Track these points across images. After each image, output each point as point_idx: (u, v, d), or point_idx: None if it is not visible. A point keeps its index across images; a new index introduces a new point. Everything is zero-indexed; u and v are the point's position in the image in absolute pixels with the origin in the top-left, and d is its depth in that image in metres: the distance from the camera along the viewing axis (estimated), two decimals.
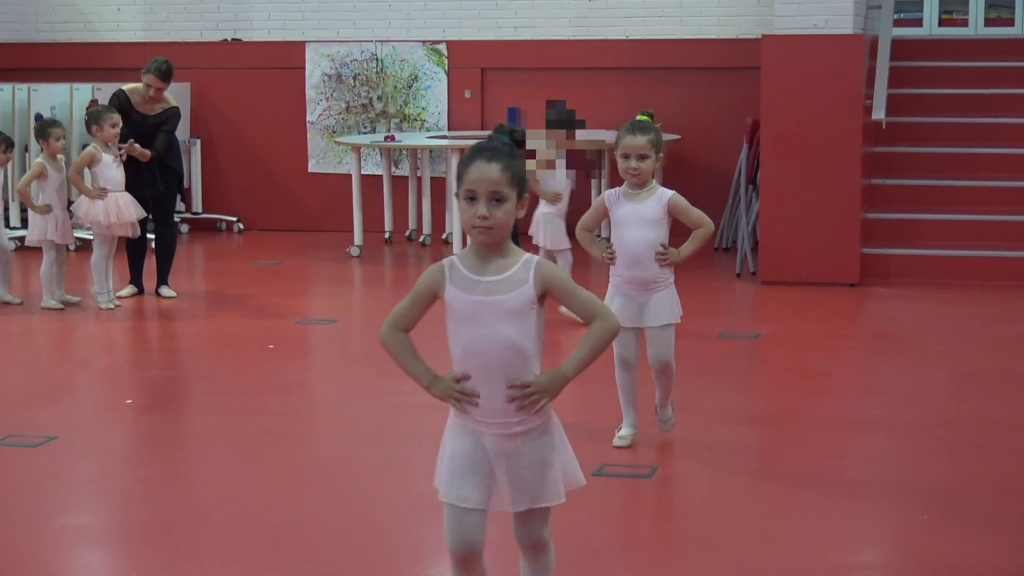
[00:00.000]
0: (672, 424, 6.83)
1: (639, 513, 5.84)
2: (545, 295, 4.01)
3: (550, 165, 9.57)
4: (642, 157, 6.27)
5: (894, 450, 6.76)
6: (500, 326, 4.01)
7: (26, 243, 10.57)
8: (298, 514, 5.82)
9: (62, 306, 10.24)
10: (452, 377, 4.15)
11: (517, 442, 4.11)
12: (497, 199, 3.95)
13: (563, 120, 9.69)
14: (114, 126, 10.14)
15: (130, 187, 10.43)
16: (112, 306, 10.25)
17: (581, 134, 10.38)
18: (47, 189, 10.15)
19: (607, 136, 13.06)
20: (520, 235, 8.82)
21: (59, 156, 10.23)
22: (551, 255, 9.63)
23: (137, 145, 10.35)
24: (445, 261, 4.11)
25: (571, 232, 8.01)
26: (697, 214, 6.40)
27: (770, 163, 11.19)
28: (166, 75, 10.58)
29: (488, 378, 4.03)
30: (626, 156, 6.27)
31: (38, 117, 10.51)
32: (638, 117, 6.80)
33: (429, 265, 4.13)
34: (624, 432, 6.68)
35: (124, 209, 10.17)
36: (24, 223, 13.28)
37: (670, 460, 6.49)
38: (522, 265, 4.00)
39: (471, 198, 3.96)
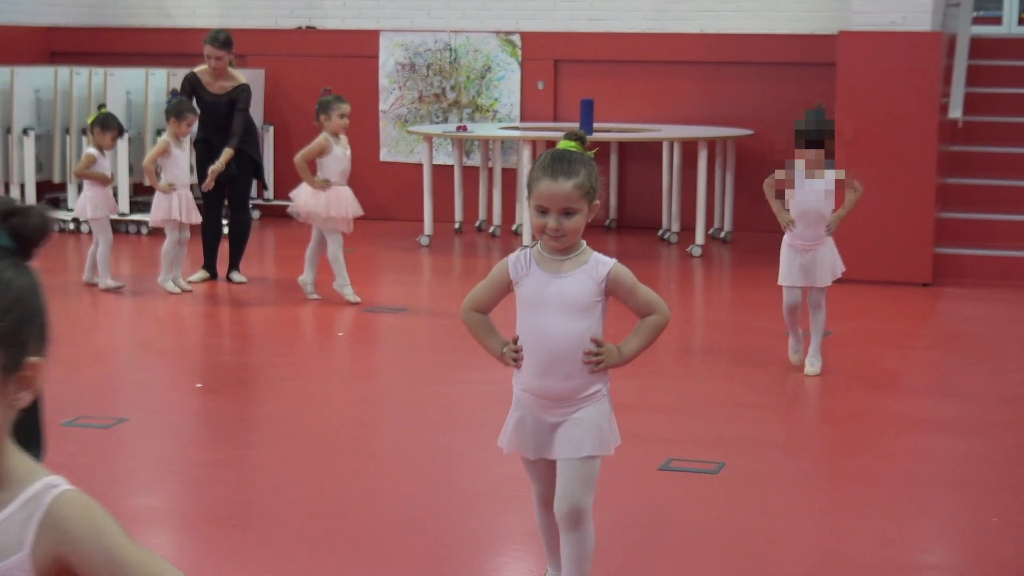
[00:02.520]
0: None
1: (705, 509, 5.83)
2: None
3: (789, 184, 7.92)
4: (567, 212, 4.17)
5: (964, 451, 6.72)
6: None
7: (150, 224, 10.65)
8: (363, 500, 5.86)
9: (179, 290, 10.33)
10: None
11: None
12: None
13: (818, 132, 7.84)
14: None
15: (206, 171, 10.51)
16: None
17: (676, 129, 10.06)
18: (171, 168, 10.22)
19: (679, 132, 13.03)
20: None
21: (183, 138, 10.29)
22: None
23: (218, 164, 10.38)
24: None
25: None
26: (646, 295, 4.32)
27: (843, 158, 11.12)
28: (224, 44, 10.58)
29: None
30: (542, 210, 4.19)
31: (174, 93, 10.55)
32: (560, 144, 4.35)
33: (499, 256, 4.21)
34: None
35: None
36: (143, 207, 13.43)
37: (737, 456, 6.48)
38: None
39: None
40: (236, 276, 10.86)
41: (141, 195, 13.95)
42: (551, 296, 4.24)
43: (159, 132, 13.32)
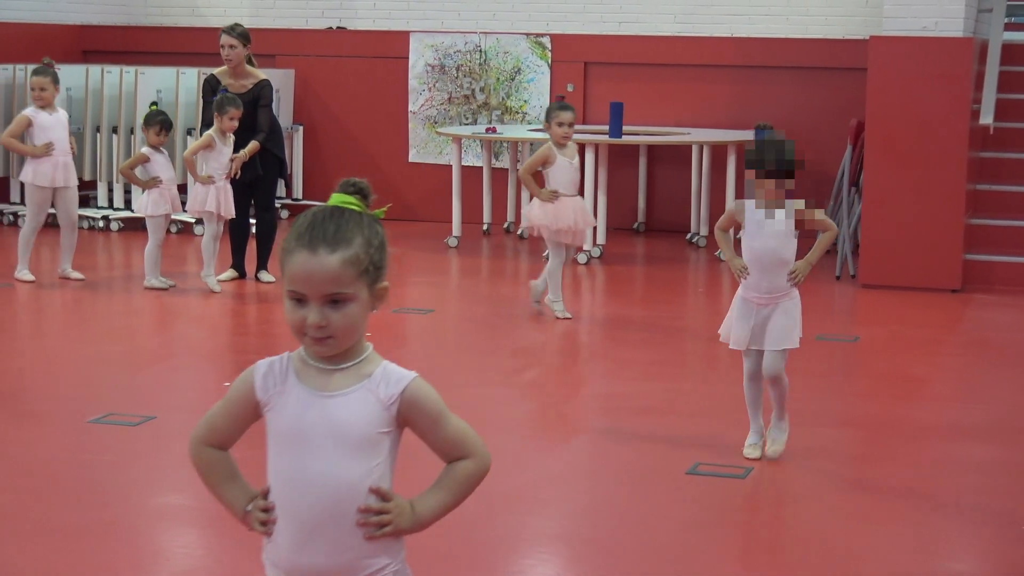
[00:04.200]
0: None
1: (731, 514, 5.82)
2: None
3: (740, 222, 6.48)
4: (335, 301, 2.91)
5: (991, 459, 6.69)
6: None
7: (187, 210, 10.70)
8: None
9: (219, 288, 10.39)
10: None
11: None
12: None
13: (785, 163, 6.25)
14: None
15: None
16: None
17: (707, 134, 9.68)
18: (211, 162, 10.26)
19: (709, 136, 13.01)
20: None
21: (229, 133, 10.30)
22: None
23: (242, 153, 10.41)
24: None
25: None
26: (456, 431, 3.15)
27: (874, 165, 11.10)
28: (239, 35, 10.61)
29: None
30: (298, 298, 2.91)
31: (223, 90, 10.55)
32: (332, 199, 3.04)
33: (526, 258, 4.10)
34: None
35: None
36: (127, 204, 13.48)
37: (765, 462, 6.46)
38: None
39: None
40: (264, 275, 10.89)
41: None
42: (314, 424, 2.93)
43: (189, 131, 13.37)
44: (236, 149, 10.48)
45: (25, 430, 6.91)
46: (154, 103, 10.87)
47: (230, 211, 10.38)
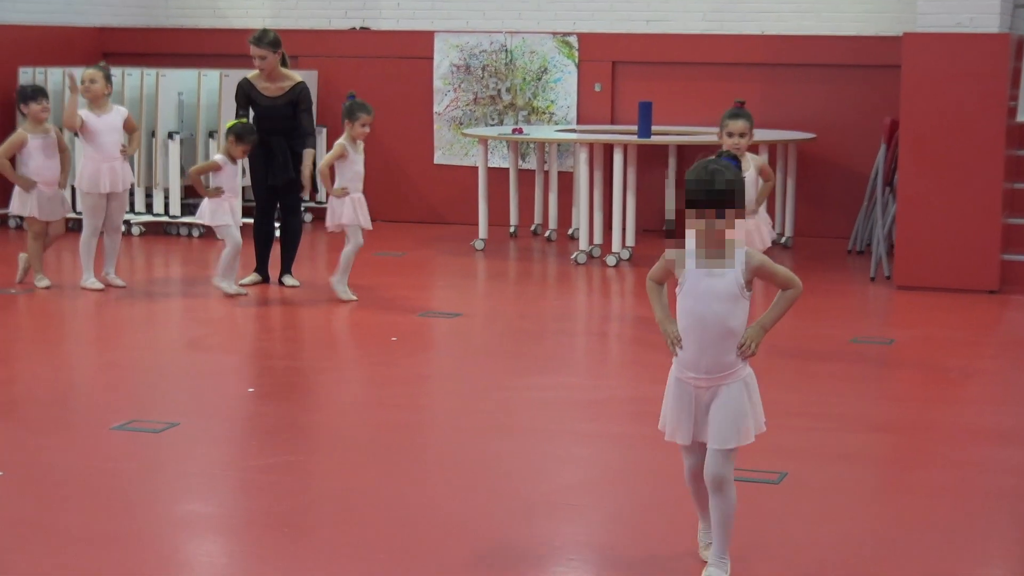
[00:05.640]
0: None
1: (765, 519, 5.82)
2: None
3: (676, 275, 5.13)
4: None
5: None
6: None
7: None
8: (417, 508, 5.87)
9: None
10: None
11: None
12: None
13: (716, 192, 4.94)
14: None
15: (262, 174, 10.59)
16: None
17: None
18: (346, 172, 10.17)
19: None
20: None
21: (359, 141, 10.21)
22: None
23: (306, 169, 10.45)
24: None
25: None
26: None
27: (908, 164, 11.07)
28: (269, 43, 10.53)
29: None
30: None
31: (350, 96, 10.49)
32: None
33: (555, 261, 4.18)
34: None
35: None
36: (149, 208, 13.53)
37: (799, 466, 6.45)
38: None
39: None
40: (288, 280, 10.91)
41: (192, 198, 14.04)
42: None
43: (211, 134, 13.42)
44: (269, 154, 10.49)
45: (48, 437, 6.94)
46: (243, 116, 10.62)
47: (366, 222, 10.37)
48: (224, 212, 10.30)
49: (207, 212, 10.34)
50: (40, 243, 10.73)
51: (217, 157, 10.36)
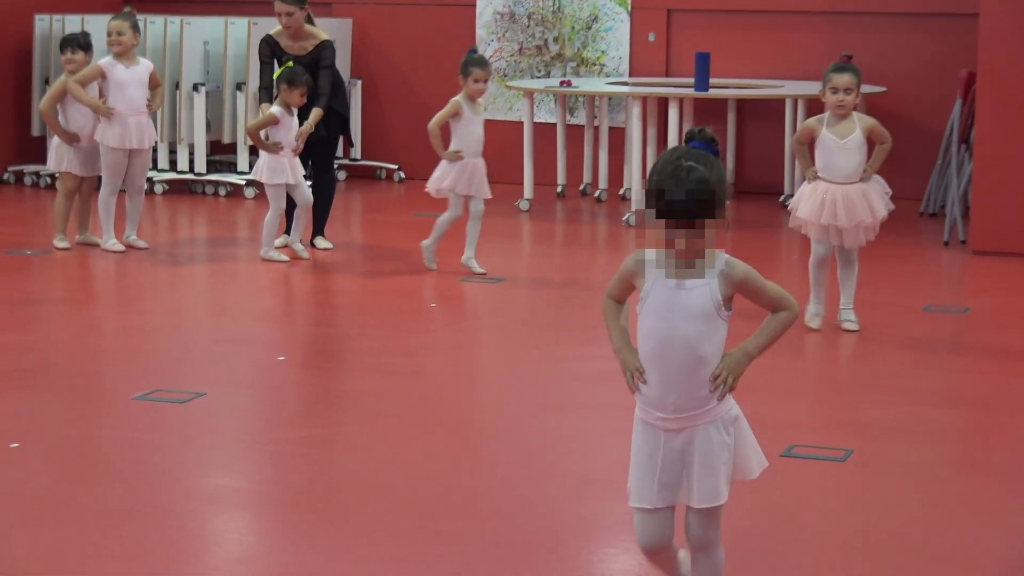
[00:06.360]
0: None
1: (831, 498, 5.81)
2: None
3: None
4: None
5: None
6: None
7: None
8: (458, 485, 5.89)
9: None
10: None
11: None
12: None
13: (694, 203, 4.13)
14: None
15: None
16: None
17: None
18: (460, 133, 10.04)
19: (803, 89, 12.93)
20: None
21: (478, 101, 10.13)
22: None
23: (306, 125, 10.39)
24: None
25: None
26: None
27: (986, 121, 10.99)
28: (296, 1, 10.55)
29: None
30: None
31: (472, 50, 10.42)
32: None
33: (605, 224, 4.17)
34: None
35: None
36: (173, 165, 13.57)
37: (866, 443, 6.45)
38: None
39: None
40: (321, 242, 10.92)
41: (219, 154, 14.08)
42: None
43: (239, 86, 13.44)
44: (302, 121, 10.46)
45: (67, 407, 6.99)
46: (290, 60, 10.55)
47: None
48: (283, 170, 10.26)
49: (264, 169, 10.28)
50: (70, 201, 10.75)
51: (274, 109, 10.30)
